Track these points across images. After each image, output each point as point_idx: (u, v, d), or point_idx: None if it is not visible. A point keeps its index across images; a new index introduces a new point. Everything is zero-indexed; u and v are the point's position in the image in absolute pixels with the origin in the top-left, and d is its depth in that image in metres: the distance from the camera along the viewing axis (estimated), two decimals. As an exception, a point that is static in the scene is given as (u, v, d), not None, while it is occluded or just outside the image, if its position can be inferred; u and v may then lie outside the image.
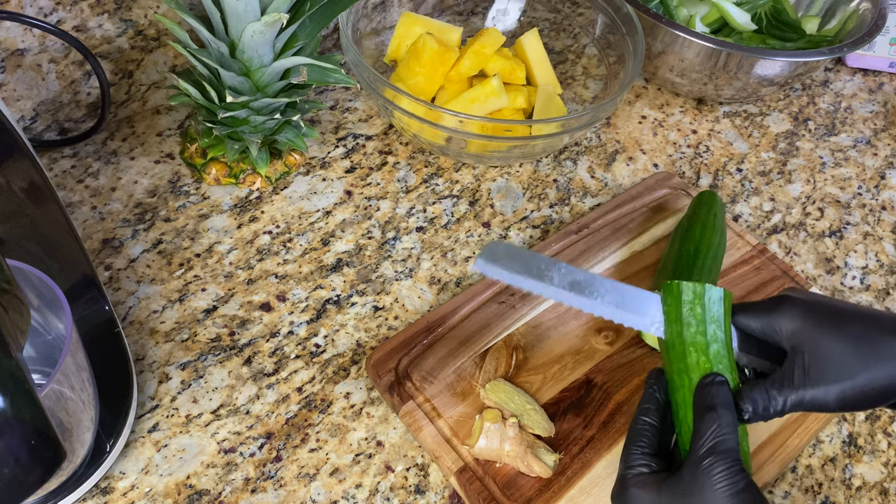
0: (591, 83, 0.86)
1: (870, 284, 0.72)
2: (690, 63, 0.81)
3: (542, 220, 0.73)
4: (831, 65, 0.98)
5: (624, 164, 0.80)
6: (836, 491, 0.58)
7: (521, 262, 0.48)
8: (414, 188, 0.74)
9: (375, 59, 0.82)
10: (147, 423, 0.56)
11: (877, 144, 0.87)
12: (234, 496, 0.53)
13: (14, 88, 0.68)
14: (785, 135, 0.87)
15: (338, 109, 0.81)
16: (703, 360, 0.44)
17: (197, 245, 0.67)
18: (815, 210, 0.79)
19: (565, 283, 0.47)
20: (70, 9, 0.66)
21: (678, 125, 0.86)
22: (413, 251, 0.69)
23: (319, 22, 0.63)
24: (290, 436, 0.56)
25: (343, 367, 0.61)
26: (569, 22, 0.90)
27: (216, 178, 0.71)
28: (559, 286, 0.47)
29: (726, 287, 0.67)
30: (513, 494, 0.53)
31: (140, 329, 0.61)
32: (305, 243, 0.68)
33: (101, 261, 0.65)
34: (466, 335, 0.62)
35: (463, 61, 0.76)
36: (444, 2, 0.88)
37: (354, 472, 0.55)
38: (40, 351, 0.51)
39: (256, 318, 0.63)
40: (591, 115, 0.70)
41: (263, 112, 0.65)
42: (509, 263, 0.47)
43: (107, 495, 0.52)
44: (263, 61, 0.61)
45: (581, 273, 0.48)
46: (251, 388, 0.59)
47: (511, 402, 0.56)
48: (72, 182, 0.70)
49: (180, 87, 0.63)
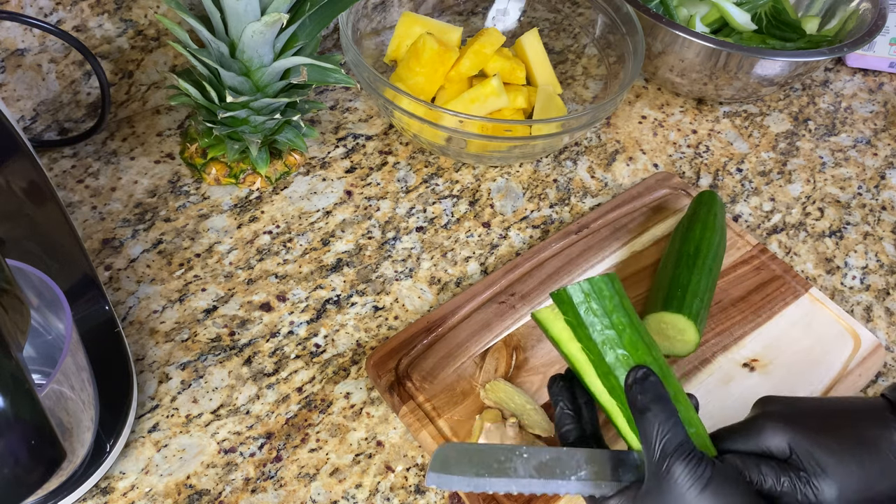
0: (591, 83, 0.86)
1: (870, 284, 0.72)
2: (690, 63, 0.81)
3: (542, 220, 0.73)
4: (831, 65, 0.98)
5: (624, 164, 0.80)
6: (836, 491, 0.58)
7: (477, 459, 0.42)
8: (414, 188, 0.74)
9: (375, 59, 0.82)
10: (147, 423, 0.56)
11: (877, 144, 0.87)
12: (234, 496, 0.53)
13: (14, 88, 0.68)
14: (785, 135, 0.87)
15: (338, 109, 0.81)
16: (621, 353, 0.43)
17: (197, 245, 0.67)
18: (815, 210, 0.79)
19: (531, 470, 0.42)
20: (70, 9, 0.66)
21: (678, 125, 0.86)
22: (413, 251, 0.69)
23: (319, 22, 0.63)
24: (290, 436, 0.56)
25: (343, 367, 0.61)
26: (569, 22, 0.90)
27: (216, 178, 0.71)
28: (525, 475, 0.42)
29: (727, 287, 0.67)
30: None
31: (140, 329, 0.61)
32: (305, 243, 0.68)
33: (101, 261, 0.65)
34: (466, 335, 0.62)
35: (463, 61, 0.76)
36: (444, 2, 0.88)
37: (354, 472, 0.55)
38: (40, 351, 0.51)
39: (256, 318, 0.63)
40: (591, 115, 0.70)
41: (263, 112, 0.65)
42: (463, 467, 0.42)
43: (107, 495, 0.52)
44: (263, 61, 0.61)
45: (546, 452, 0.43)
46: (251, 388, 0.59)
47: (511, 402, 0.56)
48: (72, 182, 0.70)
49: (180, 87, 0.63)
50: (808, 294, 0.67)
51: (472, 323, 0.62)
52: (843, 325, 0.65)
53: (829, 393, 0.61)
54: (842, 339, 0.65)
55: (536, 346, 0.62)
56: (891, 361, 0.66)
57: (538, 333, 0.62)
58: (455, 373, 0.59)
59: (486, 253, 0.70)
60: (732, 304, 0.66)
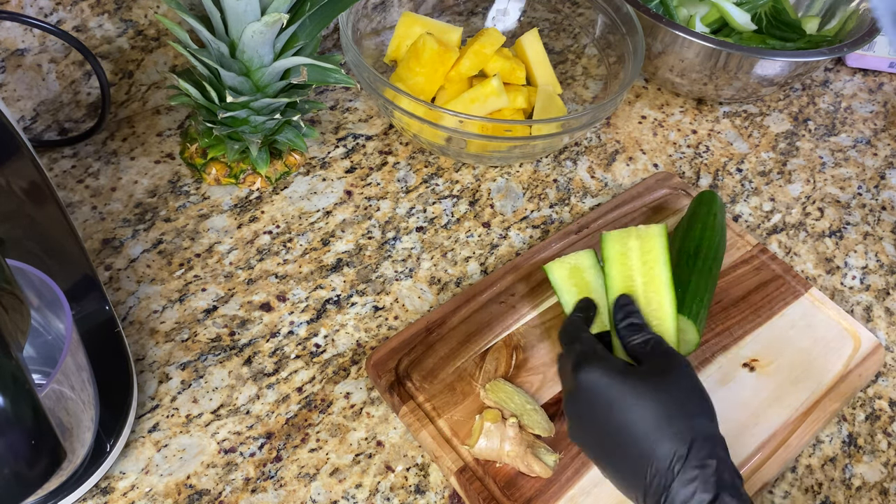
0: (591, 83, 0.86)
1: (870, 284, 0.72)
2: (690, 63, 0.81)
3: (542, 220, 0.73)
4: (831, 65, 0.98)
5: (624, 164, 0.80)
6: (836, 491, 0.58)
7: None
8: (414, 188, 0.74)
9: (375, 59, 0.82)
10: (147, 423, 0.56)
11: (877, 144, 0.87)
12: (234, 496, 0.53)
13: (14, 88, 0.68)
14: (785, 135, 0.87)
15: (338, 109, 0.81)
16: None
17: (197, 245, 0.67)
18: (815, 210, 0.79)
19: None
20: (70, 9, 0.66)
21: (678, 125, 0.86)
22: (413, 251, 0.69)
23: (319, 22, 0.63)
24: (290, 436, 0.56)
25: (343, 367, 0.61)
26: (569, 22, 0.90)
27: (216, 178, 0.71)
28: None
29: (727, 287, 0.67)
30: (513, 494, 0.53)
31: (140, 329, 0.61)
32: (305, 243, 0.68)
33: (102, 261, 0.65)
34: (466, 335, 0.62)
35: (463, 61, 0.76)
36: (444, 2, 0.88)
37: (354, 472, 0.55)
38: (40, 351, 0.51)
39: (256, 318, 0.63)
40: (591, 115, 0.70)
41: (263, 112, 0.65)
42: None
43: (107, 495, 0.52)
44: (263, 61, 0.61)
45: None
46: (251, 388, 0.59)
47: (511, 402, 0.56)
48: (72, 182, 0.70)
49: (180, 87, 0.63)
50: (808, 294, 0.67)
51: (472, 323, 0.62)
52: (843, 325, 0.65)
53: (829, 393, 0.61)
54: (842, 338, 0.65)
55: (536, 345, 0.62)
56: (891, 361, 0.66)
57: (538, 333, 0.62)
58: (455, 373, 0.59)
59: (486, 253, 0.70)
60: (732, 303, 0.66)
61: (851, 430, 0.62)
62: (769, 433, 0.58)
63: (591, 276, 0.56)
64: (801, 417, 0.59)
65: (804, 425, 0.59)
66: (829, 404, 0.60)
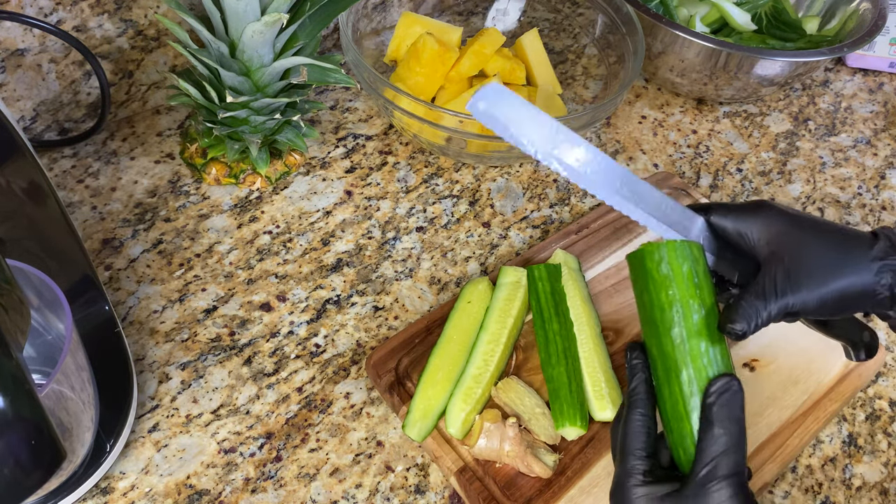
0: (591, 83, 0.86)
1: (870, 284, 0.72)
2: (690, 63, 0.81)
3: (542, 220, 0.73)
4: (831, 65, 0.98)
5: (624, 164, 0.80)
6: (836, 491, 0.58)
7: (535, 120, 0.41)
8: (414, 188, 0.74)
9: (375, 59, 0.82)
10: (147, 423, 0.56)
11: (877, 144, 0.87)
12: (234, 496, 0.53)
13: (14, 88, 0.68)
14: (785, 135, 0.87)
15: (338, 109, 0.81)
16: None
17: (197, 245, 0.67)
18: (815, 210, 0.79)
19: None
20: (70, 9, 0.66)
21: (678, 125, 0.86)
22: (413, 251, 0.69)
23: (319, 22, 0.63)
24: (290, 436, 0.56)
25: (343, 367, 0.61)
26: (569, 22, 0.90)
27: (216, 178, 0.71)
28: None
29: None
30: (513, 494, 0.53)
31: (140, 329, 0.61)
32: (305, 243, 0.68)
33: (101, 261, 0.65)
34: (466, 335, 0.61)
35: (463, 61, 0.76)
36: (444, 2, 0.88)
37: (354, 472, 0.55)
38: (40, 351, 0.51)
39: (256, 318, 0.63)
40: (591, 115, 0.70)
41: (263, 112, 0.65)
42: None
43: (107, 495, 0.52)
44: (263, 61, 0.61)
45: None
46: (251, 388, 0.59)
47: (521, 402, 0.56)
48: (72, 182, 0.70)
49: (180, 87, 0.63)
50: (808, 294, 0.67)
51: (472, 323, 0.62)
52: (843, 325, 0.65)
53: (829, 393, 0.61)
54: (842, 339, 0.65)
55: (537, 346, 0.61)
56: (891, 361, 0.66)
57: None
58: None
59: (486, 253, 0.70)
60: (732, 304, 0.66)
61: (851, 430, 0.62)
62: (769, 433, 0.58)
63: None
64: (801, 417, 0.59)
65: (804, 425, 0.59)
66: (829, 404, 0.60)
